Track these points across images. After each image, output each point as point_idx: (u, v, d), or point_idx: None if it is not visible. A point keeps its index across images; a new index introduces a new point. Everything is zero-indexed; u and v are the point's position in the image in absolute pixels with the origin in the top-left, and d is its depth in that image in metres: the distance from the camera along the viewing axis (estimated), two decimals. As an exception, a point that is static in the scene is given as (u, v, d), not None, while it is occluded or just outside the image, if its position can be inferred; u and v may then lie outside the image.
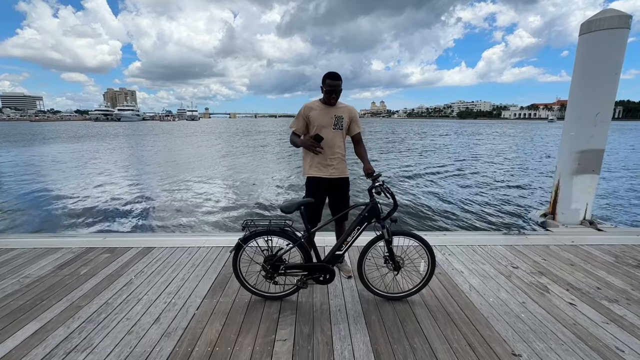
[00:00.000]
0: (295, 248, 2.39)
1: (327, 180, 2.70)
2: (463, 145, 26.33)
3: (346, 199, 2.82)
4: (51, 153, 20.33)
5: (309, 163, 2.73)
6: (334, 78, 2.54)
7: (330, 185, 2.72)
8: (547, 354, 1.94)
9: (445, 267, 3.06)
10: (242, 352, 1.95)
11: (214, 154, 20.31)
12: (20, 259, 3.24)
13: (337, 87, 2.56)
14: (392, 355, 1.93)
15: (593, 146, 4.21)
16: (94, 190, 9.81)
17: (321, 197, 2.74)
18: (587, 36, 4.09)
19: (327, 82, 2.54)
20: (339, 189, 2.76)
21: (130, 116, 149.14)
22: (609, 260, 3.23)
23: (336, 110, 2.65)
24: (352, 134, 2.77)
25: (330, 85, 2.54)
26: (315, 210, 2.71)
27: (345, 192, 2.81)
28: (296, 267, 2.44)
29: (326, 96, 2.60)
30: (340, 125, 2.66)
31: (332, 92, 2.56)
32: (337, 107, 2.67)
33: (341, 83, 2.57)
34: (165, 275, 2.90)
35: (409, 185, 10.64)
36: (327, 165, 2.68)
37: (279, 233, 2.37)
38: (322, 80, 2.59)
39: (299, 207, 2.32)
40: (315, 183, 2.72)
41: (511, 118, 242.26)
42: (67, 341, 2.04)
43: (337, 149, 2.67)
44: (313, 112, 2.64)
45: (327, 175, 2.69)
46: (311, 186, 2.75)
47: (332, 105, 2.65)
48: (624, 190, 9.99)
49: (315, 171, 2.70)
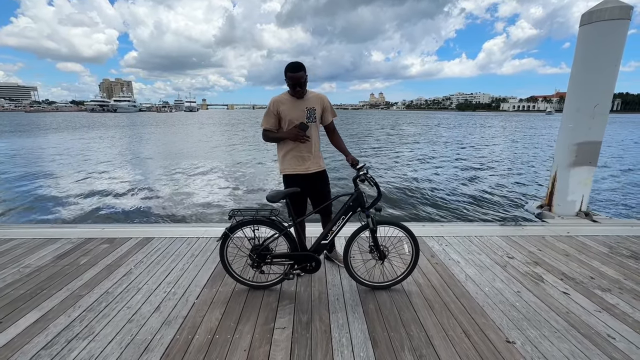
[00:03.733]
0: (282, 237, 2.41)
1: (305, 176, 2.62)
2: (462, 137, 26.32)
3: (326, 192, 2.76)
4: (49, 143, 20.16)
5: (284, 160, 2.63)
6: (294, 70, 2.36)
7: (308, 180, 2.64)
8: (541, 341, 1.99)
9: (442, 257, 3.10)
10: (241, 340, 1.98)
11: (216, 144, 20.21)
12: (19, 249, 3.25)
13: (300, 78, 2.38)
14: (389, 342, 1.97)
15: (590, 138, 4.22)
16: (93, 180, 9.78)
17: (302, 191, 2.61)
18: (587, 27, 4.06)
19: (288, 75, 2.38)
20: (317, 183, 2.68)
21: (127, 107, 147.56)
22: (603, 251, 3.28)
23: (307, 102, 2.52)
24: (326, 123, 2.67)
25: (291, 79, 2.38)
26: (300, 202, 2.67)
27: (325, 185, 2.74)
28: (283, 256, 2.46)
29: (291, 90, 2.47)
30: (313, 117, 2.54)
31: (295, 86, 2.41)
32: (307, 98, 2.53)
33: (304, 73, 2.40)
34: (165, 265, 2.92)
35: (406, 176, 10.67)
36: (303, 160, 2.59)
37: (266, 222, 2.39)
38: (284, 73, 2.41)
39: (285, 197, 2.34)
40: (293, 180, 2.63)
41: (510, 110, 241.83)
42: (68, 329, 2.07)
43: (313, 142, 2.59)
44: (283, 107, 2.51)
45: (303, 171, 2.61)
46: (289, 184, 2.65)
47: (300, 97, 2.51)
48: (619, 181, 10.07)
49: (291, 168, 2.62)
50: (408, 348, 1.92)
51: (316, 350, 1.90)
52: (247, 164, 13.01)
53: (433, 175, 10.99)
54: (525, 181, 10.15)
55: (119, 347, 1.92)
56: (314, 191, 2.71)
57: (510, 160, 14.62)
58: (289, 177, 2.65)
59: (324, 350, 1.90)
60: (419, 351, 1.90)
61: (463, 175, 10.92)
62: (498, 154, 16.77)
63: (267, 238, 2.44)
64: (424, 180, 10.20)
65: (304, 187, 2.59)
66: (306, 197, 2.71)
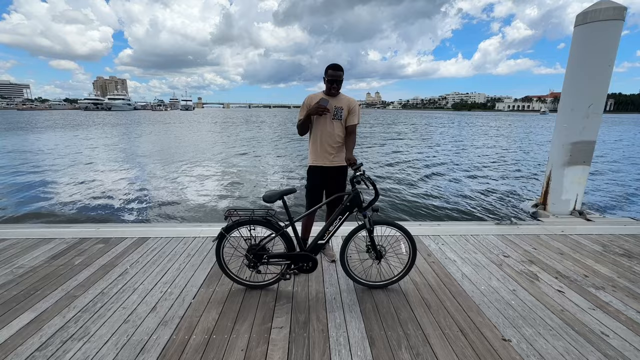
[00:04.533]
0: (279, 237, 2.41)
1: (328, 168, 2.83)
2: (458, 137, 26.47)
3: (342, 187, 2.94)
4: (43, 142, 19.91)
5: (313, 153, 2.87)
6: (336, 69, 2.66)
7: (330, 172, 2.85)
8: (536, 338, 2.01)
9: (438, 257, 3.12)
10: (239, 340, 1.98)
11: (212, 143, 20.10)
12: (12, 249, 3.21)
13: (339, 77, 2.67)
14: (386, 341, 1.97)
15: (584, 138, 4.27)
16: (87, 180, 9.68)
17: (321, 184, 2.88)
18: (582, 27, 4.10)
19: (329, 72, 2.66)
20: (337, 175, 2.89)
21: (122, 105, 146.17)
22: (597, 249, 3.32)
23: (336, 101, 2.75)
24: (348, 124, 2.84)
25: (332, 76, 2.65)
26: (317, 197, 2.88)
27: (343, 179, 2.93)
28: (279, 256, 2.46)
29: (328, 86, 2.70)
30: (340, 116, 2.76)
31: (333, 82, 2.67)
32: (339, 98, 2.78)
33: (342, 74, 2.69)
34: (161, 265, 2.91)
35: (402, 175, 10.71)
36: (328, 153, 2.81)
37: (262, 222, 2.39)
38: (325, 71, 2.71)
39: (281, 197, 2.34)
40: (316, 171, 2.87)
41: (505, 110, 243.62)
42: (63, 330, 2.05)
43: (337, 138, 2.78)
44: (315, 102, 2.73)
45: (328, 163, 2.82)
46: (312, 173, 2.90)
47: (334, 95, 2.75)
48: (613, 180, 10.20)
49: (318, 160, 2.84)
50: (405, 347, 1.93)
51: (313, 350, 1.90)
52: (244, 164, 12.96)
53: (429, 174, 11.04)
54: (521, 180, 10.24)
55: (115, 347, 1.90)
56: (332, 183, 2.89)
57: (505, 159, 14.73)
58: (314, 168, 2.88)
59: (321, 350, 1.90)
60: (416, 349, 1.91)
61: (459, 175, 10.98)
62: (494, 153, 16.89)
63: (264, 238, 2.44)
64: (421, 179, 10.24)
65: (325, 178, 2.85)
66: (322, 191, 2.92)
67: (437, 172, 11.54)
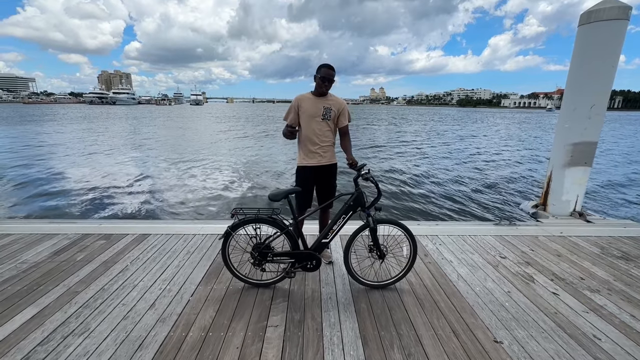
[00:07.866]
0: (283, 236, 2.44)
1: (315, 168, 2.83)
2: (459, 134, 26.28)
3: (332, 186, 2.95)
4: (47, 137, 20.09)
5: (302, 153, 2.87)
6: (330, 68, 2.68)
7: (317, 172, 2.85)
8: (527, 341, 2.03)
9: (435, 257, 3.13)
10: (234, 338, 2.02)
11: (213, 138, 20.16)
12: (16, 244, 3.28)
13: (332, 76, 2.68)
14: (379, 342, 2.00)
15: (586, 139, 4.24)
16: (90, 176, 9.77)
17: (310, 184, 2.87)
18: (586, 27, 4.05)
19: (323, 70, 2.67)
20: (326, 175, 2.89)
21: (126, 99, 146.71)
22: (595, 252, 3.32)
23: (326, 102, 2.77)
24: (340, 126, 2.88)
25: (325, 74, 2.66)
26: (306, 197, 2.86)
27: (332, 179, 2.94)
28: (284, 254, 2.50)
29: (319, 83, 2.70)
30: (328, 116, 2.77)
31: (325, 80, 2.67)
32: (328, 99, 2.79)
33: (335, 74, 2.70)
34: (161, 262, 2.96)
35: (402, 176, 10.69)
36: (315, 153, 2.81)
37: (268, 221, 2.43)
38: (318, 69, 2.71)
39: (287, 195, 2.37)
40: (304, 171, 2.86)
41: (511, 107, 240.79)
42: (64, 325, 2.10)
43: (324, 138, 2.80)
44: (303, 103, 2.77)
45: (315, 163, 2.82)
46: (300, 174, 2.90)
47: (324, 95, 2.77)
48: (614, 181, 10.10)
49: (305, 160, 2.84)
50: (397, 347, 1.96)
51: (307, 349, 1.94)
52: (249, 161, 13.00)
53: (429, 173, 11.00)
54: (522, 180, 10.17)
55: (114, 343, 1.96)
56: (321, 183, 2.90)
57: (507, 158, 14.62)
58: (301, 168, 2.87)
59: (314, 349, 1.94)
60: (408, 350, 1.94)
61: (460, 174, 10.93)
62: (495, 151, 16.77)
63: (269, 236, 2.47)
64: (420, 178, 10.22)
65: (313, 178, 2.85)
66: (311, 194, 2.92)
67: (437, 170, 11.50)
